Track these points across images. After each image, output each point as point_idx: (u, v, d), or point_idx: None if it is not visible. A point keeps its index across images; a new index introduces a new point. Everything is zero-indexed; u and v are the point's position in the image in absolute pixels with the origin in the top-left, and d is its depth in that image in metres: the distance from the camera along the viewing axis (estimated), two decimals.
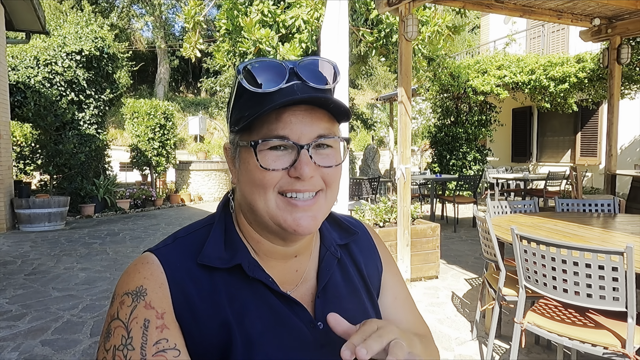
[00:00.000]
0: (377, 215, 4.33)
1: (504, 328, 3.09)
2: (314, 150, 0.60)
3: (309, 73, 0.61)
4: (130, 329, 0.54)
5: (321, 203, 0.62)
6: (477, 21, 19.55)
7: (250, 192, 0.61)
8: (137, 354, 0.53)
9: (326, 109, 0.61)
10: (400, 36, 4.18)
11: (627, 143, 9.58)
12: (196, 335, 0.58)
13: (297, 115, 0.59)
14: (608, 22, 5.42)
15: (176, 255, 0.62)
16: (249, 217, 0.65)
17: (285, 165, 0.59)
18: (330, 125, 0.61)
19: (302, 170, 0.58)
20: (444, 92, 9.64)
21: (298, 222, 0.59)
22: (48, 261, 5.16)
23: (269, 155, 0.59)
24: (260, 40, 5.21)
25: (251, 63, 0.60)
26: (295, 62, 0.61)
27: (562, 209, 3.67)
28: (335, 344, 0.63)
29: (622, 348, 1.78)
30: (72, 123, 8.73)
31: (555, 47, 11.55)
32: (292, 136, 0.58)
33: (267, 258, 0.66)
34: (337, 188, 0.64)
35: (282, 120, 0.58)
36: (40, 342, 2.98)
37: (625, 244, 1.72)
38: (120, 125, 16.87)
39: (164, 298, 0.57)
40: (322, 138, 0.60)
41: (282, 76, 0.59)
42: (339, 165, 0.63)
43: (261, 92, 0.58)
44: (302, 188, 0.59)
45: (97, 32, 9.13)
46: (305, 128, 0.59)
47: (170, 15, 24.43)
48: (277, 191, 0.60)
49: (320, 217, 0.62)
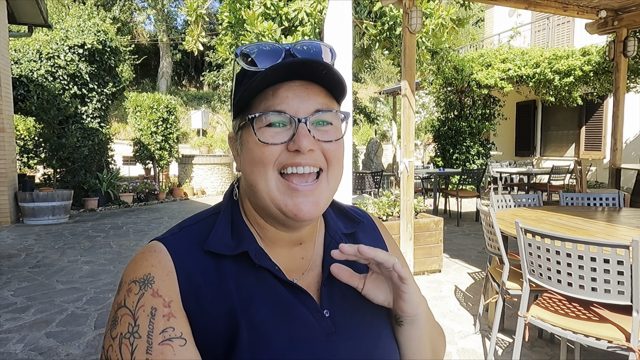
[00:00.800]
0: (380, 209, 4.32)
1: (507, 322, 3.09)
2: (313, 126, 0.60)
3: (304, 53, 0.62)
4: (137, 317, 0.54)
5: (323, 187, 0.61)
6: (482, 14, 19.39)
7: (250, 172, 0.61)
8: (144, 342, 0.52)
9: (321, 84, 0.61)
10: (404, 29, 4.14)
11: (632, 137, 9.52)
12: (202, 324, 0.57)
13: (293, 90, 0.60)
14: (614, 15, 5.36)
15: (183, 243, 0.62)
16: (252, 201, 0.65)
17: (284, 139, 0.59)
18: (327, 101, 0.62)
19: (300, 142, 0.57)
20: (448, 85, 9.59)
21: (299, 206, 0.59)
22: (52, 254, 5.19)
23: (267, 132, 0.59)
24: (262, 33, 5.18)
25: (248, 47, 0.61)
26: (291, 44, 0.63)
27: (567, 202, 3.65)
28: (341, 331, 0.63)
29: (627, 342, 1.77)
30: (75, 117, 8.74)
31: (561, 40, 11.45)
32: (289, 110, 0.59)
33: (273, 245, 0.65)
34: (339, 169, 0.64)
35: (278, 95, 0.59)
36: (45, 334, 3.00)
37: (631, 237, 1.71)
38: (123, 119, 16.88)
39: (171, 286, 0.57)
40: (319, 112, 0.60)
41: (277, 56, 0.61)
42: (339, 140, 0.62)
43: (257, 70, 0.59)
44: (303, 161, 0.59)
45: (99, 26, 9.11)
46: (302, 103, 0.59)
47: (173, 9, 24.36)
48: (278, 170, 0.59)
49: (322, 203, 0.61)
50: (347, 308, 0.66)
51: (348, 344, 0.63)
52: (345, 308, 0.66)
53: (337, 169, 0.63)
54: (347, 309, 0.66)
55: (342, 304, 0.66)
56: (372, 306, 0.68)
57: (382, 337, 0.67)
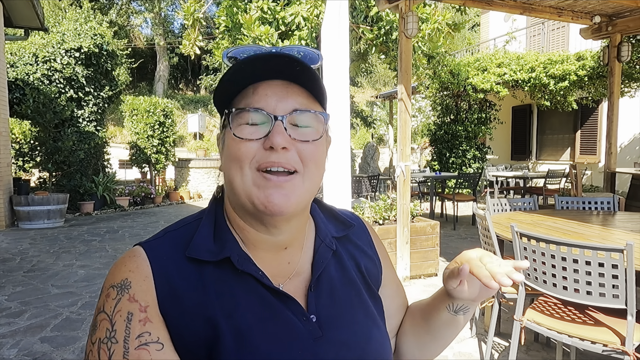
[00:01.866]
0: (376, 212, 4.33)
1: (503, 325, 3.09)
2: (291, 125, 0.60)
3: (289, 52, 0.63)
4: (115, 322, 0.54)
5: (296, 184, 0.60)
6: (477, 19, 19.51)
7: (228, 169, 0.61)
8: (120, 347, 0.53)
9: (302, 84, 0.62)
10: (400, 33, 4.17)
11: (626, 141, 9.58)
12: (183, 328, 0.57)
13: (273, 88, 0.60)
14: (608, 20, 5.41)
15: (165, 248, 0.62)
16: (232, 200, 0.65)
17: (260, 136, 0.59)
18: (307, 102, 0.62)
19: (274, 139, 0.57)
20: (444, 89, 9.63)
21: (269, 198, 0.58)
22: (47, 258, 5.15)
23: (245, 129, 0.60)
24: (259, 38, 5.20)
25: (235, 49, 0.63)
26: (279, 47, 0.63)
27: (562, 206, 3.67)
28: (328, 334, 0.63)
29: (622, 345, 1.78)
30: (71, 120, 8.71)
31: (556, 44, 11.54)
32: (268, 108, 0.59)
33: (257, 249, 0.65)
34: (316, 173, 0.63)
35: (258, 93, 0.60)
36: (40, 338, 2.98)
37: (625, 241, 1.72)
38: (120, 122, 16.83)
39: (147, 291, 0.57)
40: (297, 112, 0.60)
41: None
42: (316, 141, 0.62)
43: (238, 64, 0.60)
44: (277, 160, 0.58)
45: (96, 29, 9.10)
46: (281, 101, 0.60)
47: (170, 12, 24.37)
48: (255, 168, 0.59)
49: (294, 198, 0.60)
50: (335, 312, 0.66)
51: (335, 347, 0.63)
52: (332, 312, 0.65)
53: (314, 171, 0.62)
54: (334, 313, 0.66)
55: (329, 308, 0.65)
56: (360, 309, 0.68)
57: (372, 339, 0.67)
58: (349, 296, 0.69)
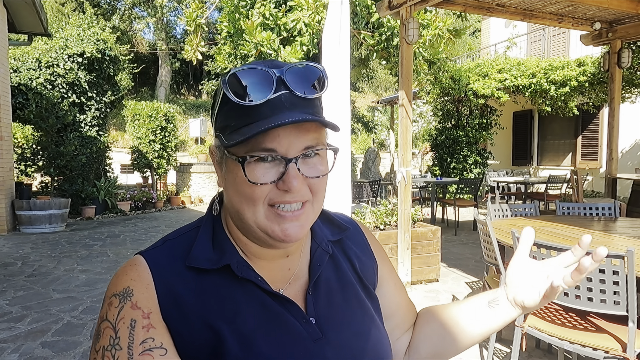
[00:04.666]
0: (377, 218, 4.33)
1: (505, 332, 3.08)
2: (301, 161, 0.59)
3: (296, 81, 0.59)
4: (118, 329, 0.55)
5: (308, 212, 0.63)
6: (478, 25, 19.59)
7: (238, 202, 0.61)
8: (125, 353, 0.54)
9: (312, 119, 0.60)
10: (401, 39, 4.19)
11: (627, 147, 9.58)
12: (185, 334, 0.58)
13: (284, 129, 0.58)
14: (609, 26, 5.43)
15: (164, 257, 0.63)
16: (236, 222, 0.65)
17: (273, 178, 0.59)
18: (318, 135, 0.61)
19: (290, 184, 0.58)
20: (445, 95, 9.65)
21: (286, 232, 0.60)
22: (48, 263, 5.16)
23: (257, 169, 0.58)
24: (261, 43, 5.23)
25: (237, 71, 0.58)
26: (282, 69, 0.59)
27: (563, 212, 3.67)
28: (328, 336, 0.65)
29: (623, 352, 1.78)
30: (73, 125, 8.75)
31: (556, 50, 11.57)
32: (280, 149, 0.58)
33: (257, 259, 0.66)
34: (323, 196, 0.65)
35: (269, 133, 0.57)
36: (41, 343, 2.98)
37: (626, 247, 1.72)
38: (122, 127, 16.88)
39: (150, 298, 0.58)
40: (309, 149, 0.60)
41: (269, 85, 0.57)
42: (325, 175, 0.63)
43: (247, 105, 0.57)
44: (292, 199, 0.60)
45: (99, 35, 9.16)
46: (293, 141, 0.58)
47: (172, 18, 24.51)
48: (268, 203, 0.60)
49: (307, 225, 0.63)
50: (334, 314, 0.67)
51: (335, 348, 0.64)
52: (331, 314, 0.67)
53: (321, 197, 0.64)
54: (333, 315, 0.67)
55: (328, 311, 0.67)
56: (358, 310, 0.70)
57: (371, 340, 0.68)
58: (347, 298, 0.70)
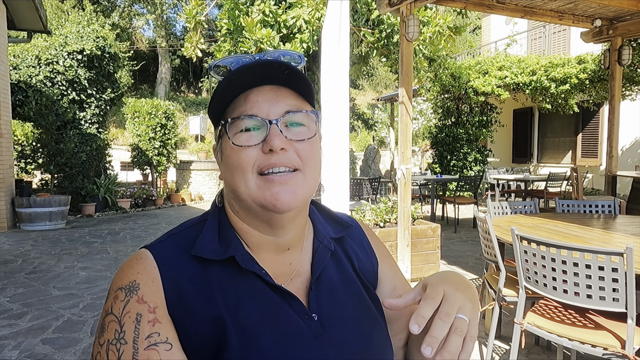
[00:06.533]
0: (377, 215, 4.33)
1: (504, 329, 3.09)
2: (285, 127, 0.63)
3: (274, 56, 0.67)
4: (123, 323, 0.55)
5: (299, 179, 0.62)
6: (479, 22, 19.54)
7: (231, 177, 0.63)
8: (130, 347, 0.53)
9: (290, 87, 0.65)
10: (401, 37, 4.18)
11: (627, 144, 9.58)
12: (190, 329, 0.58)
13: (263, 94, 0.63)
14: (609, 24, 5.42)
15: (170, 250, 0.63)
16: (235, 206, 0.66)
17: (258, 141, 0.61)
18: (297, 102, 0.65)
19: (272, 142, 0.60)
20: (445, 92, 9.64)
21: (276, 195, 0.60)
22: (49, 260, 5.17)
23: (242, 136, 0.62)
24: (261, 40, 5.22)
25: (219, 60, 0.66)
26: (262, 54, 0.66)
27: (563, 209, 3.67)
28: (330, 332, 0.65)
29: (622, 349, 1.78)
30: (73, 122, 8.74)
31: (557, 48, 11.54)
32: (261, 113, 0.62)
33: (259, 251, 0.66)
34: (315, 169, 0.65)
35: (249, 101, 0.62)
36: (41, 340, 2.99)
37: (626, 245, 1.72)
38: (122, 124, 16.87)
39: (156, 292, 0.58)
40: (290, 113, 0.63)
41: (248, 62, 0.64)
42: (311, 138, 0.65)
43: (228, 76, 0.62)
44: (278, 161, 0.61)
45: (98, 32, 9.14)
46: (273, 106, 0.62)
47: (172, 15, 24.47)
48: (257, 172, 0.61)
49: (299, 193, 0.62)
50: (335, 311, 0.67)
51: (337, 345, 0.64)
52: (333, 311, 0.67)
53: (313, 168, 0.65)
54: (335, 312, 0.67)
55: (330, 307, 0.67)
56: (360, 308, 0.69)
57: (374, 338, 0.68)
58: (349, 295, 0.70)
